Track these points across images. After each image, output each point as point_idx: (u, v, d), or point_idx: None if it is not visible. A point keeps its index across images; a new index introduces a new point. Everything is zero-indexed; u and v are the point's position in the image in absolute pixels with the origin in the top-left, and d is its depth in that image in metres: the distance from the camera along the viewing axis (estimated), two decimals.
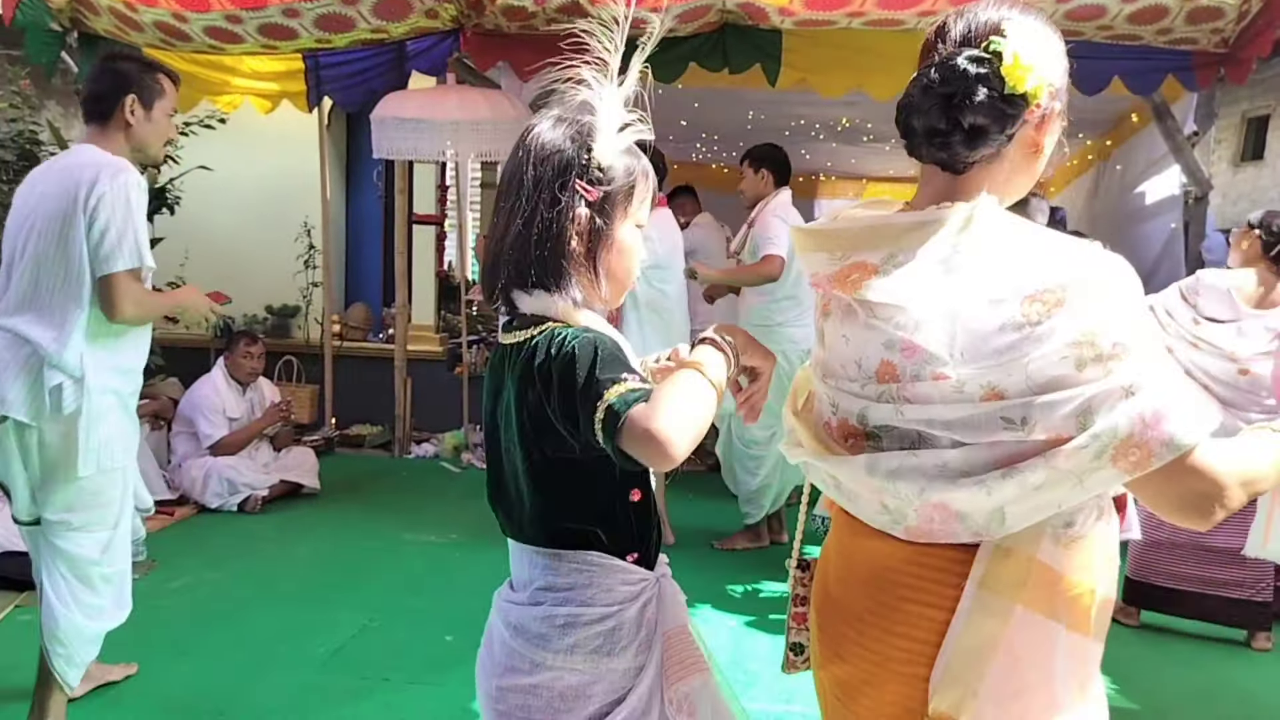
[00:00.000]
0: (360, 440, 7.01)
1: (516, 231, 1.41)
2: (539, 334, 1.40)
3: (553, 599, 1.45)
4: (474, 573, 4.50)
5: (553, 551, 1.46)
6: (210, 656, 3.51)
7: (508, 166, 1.46)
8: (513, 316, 1.47)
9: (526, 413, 1.40)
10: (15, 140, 5.82)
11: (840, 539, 1.47)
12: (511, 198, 1.42)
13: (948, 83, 1.25)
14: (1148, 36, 4.86)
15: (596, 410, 1.27)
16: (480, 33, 5.45)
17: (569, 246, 1.41)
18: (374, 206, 7.94)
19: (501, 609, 1.53)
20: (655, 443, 1.20)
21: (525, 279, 1.42)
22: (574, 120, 1.45)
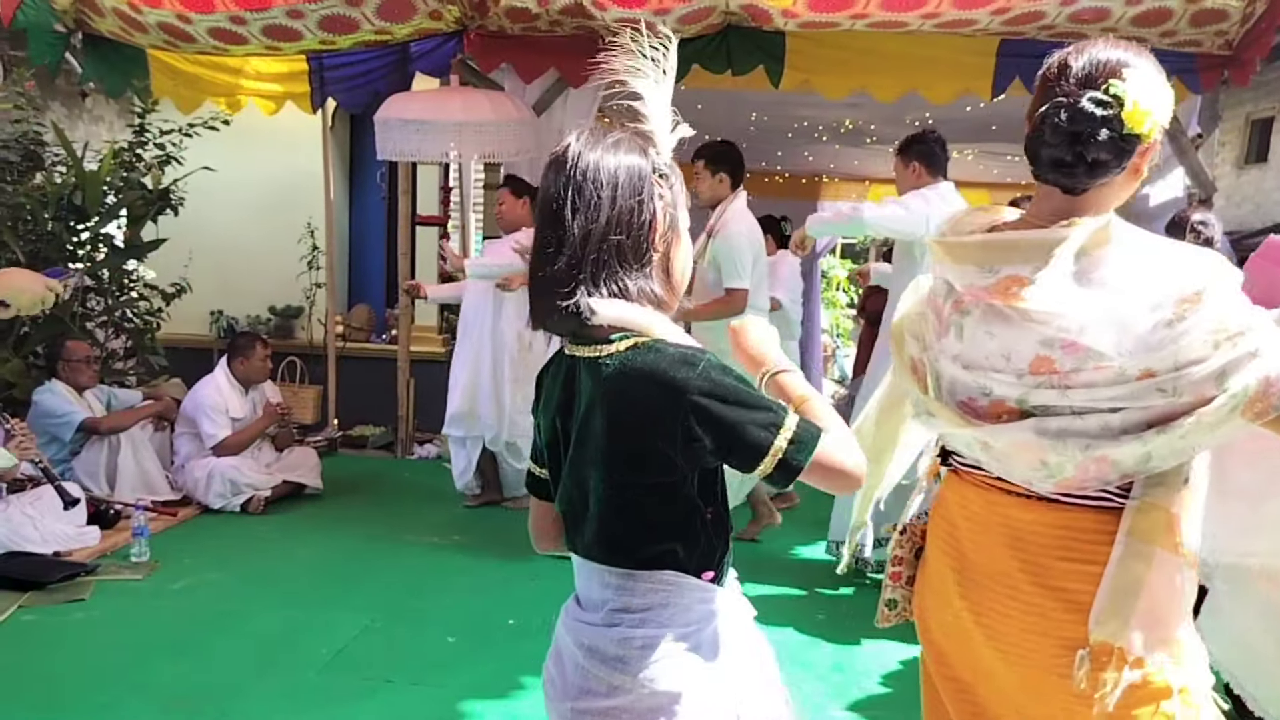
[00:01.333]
0: (363, 441, 7.02)
1: (595, 239, 1.38)
2: (631, 348, 1.38)
3: (629, 620, 1.43)
4: (476, 574, 4.50)
5: (626, 571, 1.44)
6: (212, 657, 3.51)
7: (561, 182, 1.41)
8: (577, 330, 1.42)
9: (620, 435, 1.38)
10: (19, 141, 5.84)
11: (968, 507, 1.67)
12: (575, 207, 1.39)
13: (1075, 122, 1.47)
14: (1152, 39, 4.85)
15: (769, 452, 1.33)
16: (484, 34, 5.45)
17: (654, 249, 1.42)
18: (377, 207, 7.94)
19: (572, 628, 1.50)
20: (850, 478, 1.38)
21: (609, 287, 1.39)
22: (630, 127, 1.46)
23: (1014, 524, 1.59)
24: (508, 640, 3.76)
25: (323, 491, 5.69)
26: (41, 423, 4.99)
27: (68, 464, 5.09)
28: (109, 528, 4.77)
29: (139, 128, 6.12)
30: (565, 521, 1.53)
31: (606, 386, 1.38)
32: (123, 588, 4.16)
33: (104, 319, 6.12)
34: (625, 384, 1.36)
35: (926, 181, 4.34)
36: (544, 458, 1.57)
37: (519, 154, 5.52)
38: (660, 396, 1.34)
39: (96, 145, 6.40)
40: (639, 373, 1.36)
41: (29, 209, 5.63)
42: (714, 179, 4.71)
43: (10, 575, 4.02)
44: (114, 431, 5.21)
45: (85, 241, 5.90)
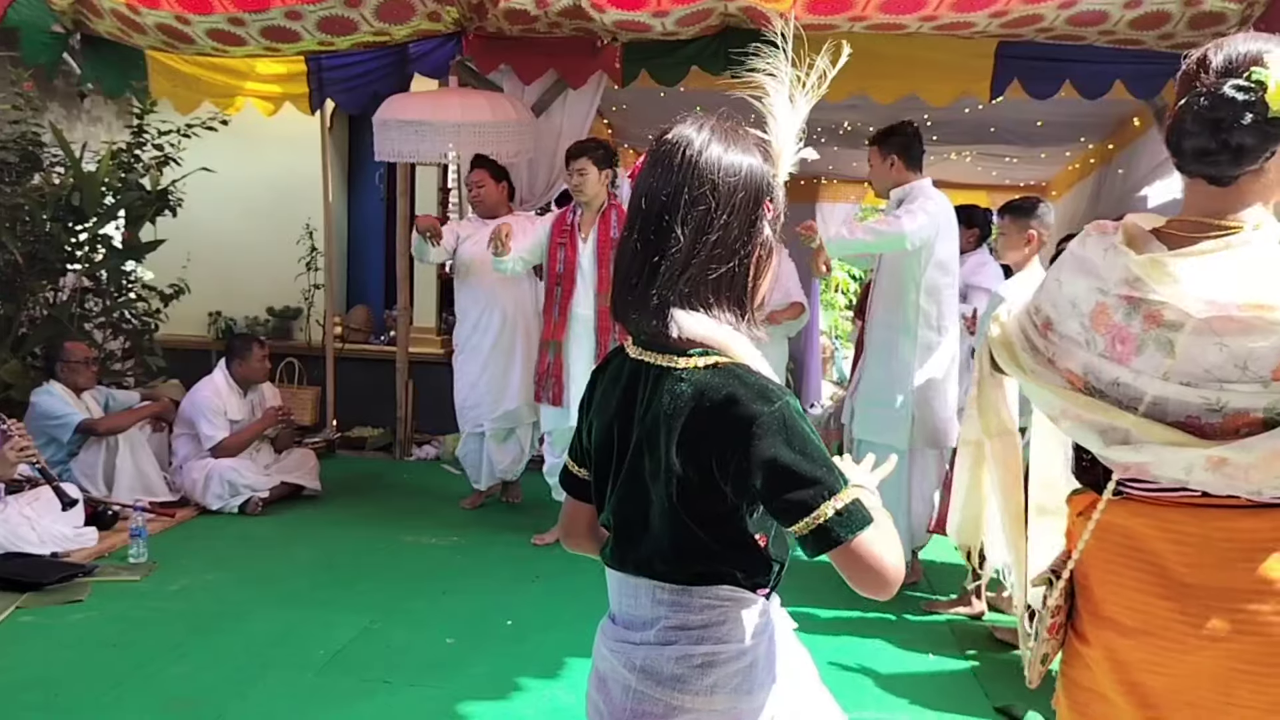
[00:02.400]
0: (361, 442, 7.01)
1: (701, 254, 1.33)
2: (710, 368, 1.33)
3: (687, 638, 1.38)
4: (475, 575, 4.50)
5: (681, 587, 1.40)
6: (210, 658, 3.50)
7: (671, 178, 1.35)
8: (655, 336, 1.38)
9: (687, 455, 1.33)
10: (18, 142, 5.84)
11: (1177, 528, 1.57)
12: (687, 211, 1.33)
13: (1216, 109, 1.47)
14: (1150, 41, 4.85)
15: (815, 510, 1.27)
16: (483, 36, 5.45)
17: (752, 267, 1.38)
18: (376, 208, 7.94)
19: (619, 650, 1.45)
20: (888, 578, 1.30)
21: (698, 300, 1.34)
22: (751, 137, 1.41)
23: (1246, 536, 1.52)
24: (506, 641, 3.76)
25: (321, 493, 5.69)
26: (39, 424, 4.99)
27: (66, 465, 5.09)
28: (107, 529, 4.77)
29: (137, 128, 6.12)
30: (614, 533, 1.47)
31: (680, 403, 1.33)
32: (121, 589, 4.16)
33: (102, 320, 6.12)
34: (699, 404, 1.32)
35: (905, 177, 4.31)
36: (587, 460, 1.52)
37: (518, 155, 5.51)
38: (730, 424, 1.30)
39: (95, 146, 6.40)
40: (715, 396, 1.31)
41: (27, 210, 5.63)
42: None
43: (8, 576, 4.01)
44: (112, 433, 5.20)
45: (83, 242, 5.90)
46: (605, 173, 4.78)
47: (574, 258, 4.80)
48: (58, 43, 5.22)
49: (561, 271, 4.82)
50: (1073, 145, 7.81)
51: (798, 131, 1.45)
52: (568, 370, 4.83)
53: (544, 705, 3.25)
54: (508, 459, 5.58)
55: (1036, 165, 8.86)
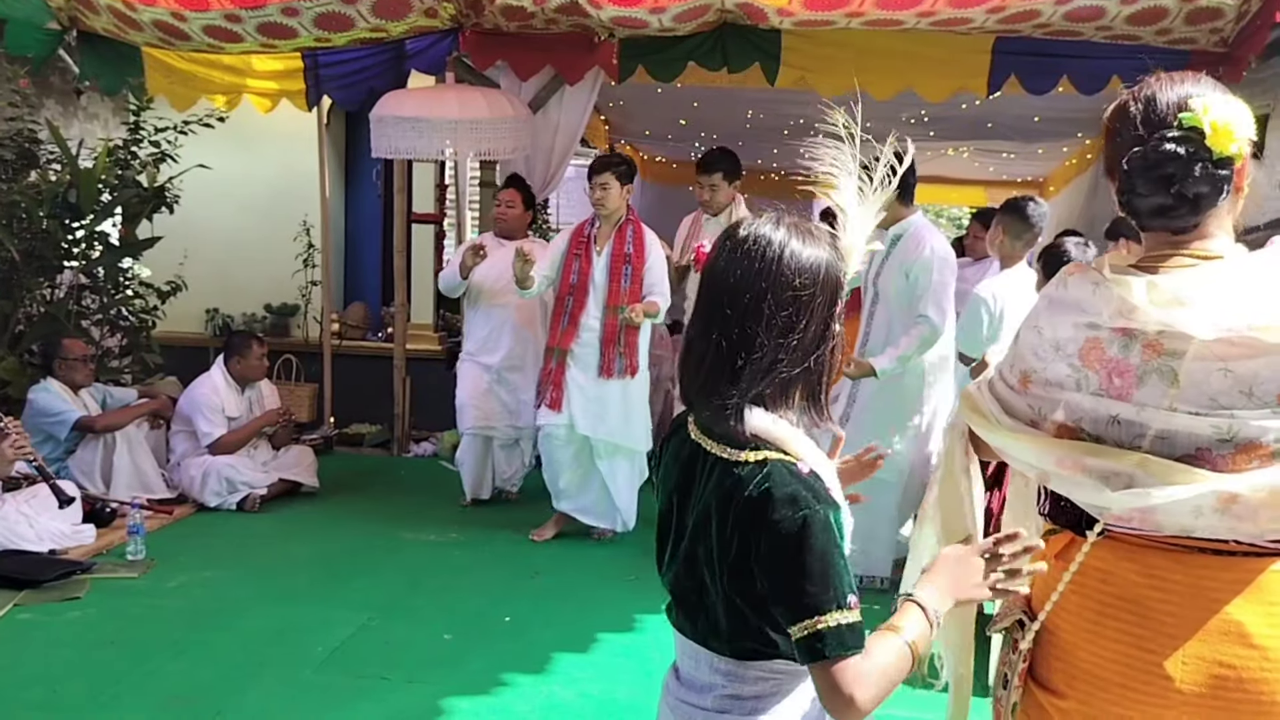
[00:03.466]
0: (359, 439, 7.01)
1: (785, 352, 1.37)
2: (762, 462, 1.36)
3: (740, 708, 1.44)
4: (473, 572, 4.50)
5: (738, 660, 1.44)
6: (208, 655, 3.51)
7: (751, 277, 1.38)
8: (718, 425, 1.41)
9: (729, 544, 1.38)
10: (14, 139, 5.82)
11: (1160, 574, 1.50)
12: (770, 315, 1.36)
13: (1162, 165, 1.45)
14: (1147, 37, 4.85)
15: (807, 620, 1.30)
16: (479, 32, 5.44)
17: (826, 363, 1.42)
18: (373, 205, 7.93)
19: (679, 710, 1.50)
20: (853, 710, 1.29)
21: (773, 400, 1.39)
22: (825, 234, 1.44)
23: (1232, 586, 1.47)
24: (504, 638, 3.76)
25: (319, 490, 5.69)
26: (37, 421, 4.99)
27: (63, 462, 5.09)
28: (105, 526, 4.77)
29: (134, 125, 6.11)
30: (674, 599, 1.52)
31: (728, 496, 1.38)
32: (119, 586, 4.16)
33: (99, 317, 6.11)
34: (742, 498, 1.35)
35: (900, 213, 4.25)
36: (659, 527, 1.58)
37: (515, 151, 5.51)
38: (757, 522, 1.34)
39: (91, 143, 6.39)
40: (754, 493, 1.35)
41: (24, 207, 5.62)
42: (730, 188, 5.16)
43: (6, 573, 4.02)
44: (109, 430, 5.20)
45: (80, 239, 5.89)
46: (627, 188, 4.85)
47: (588, 270, 4.84)
48: (53, 39, 5.21)
49: (575, 283, 4.86)
50: (1070, 141, 7.81)
51: (869, 228, 1.48)
52: (569, 379, 4.85)
53: (541, 701, 3.26)
54: (512, 468, 5.66)
55: (1034, 161, 8.87)
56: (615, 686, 3.38)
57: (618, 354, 4.79)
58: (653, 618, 3.98)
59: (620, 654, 3.65)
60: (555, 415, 4.86)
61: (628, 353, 4.80)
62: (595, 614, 4.01)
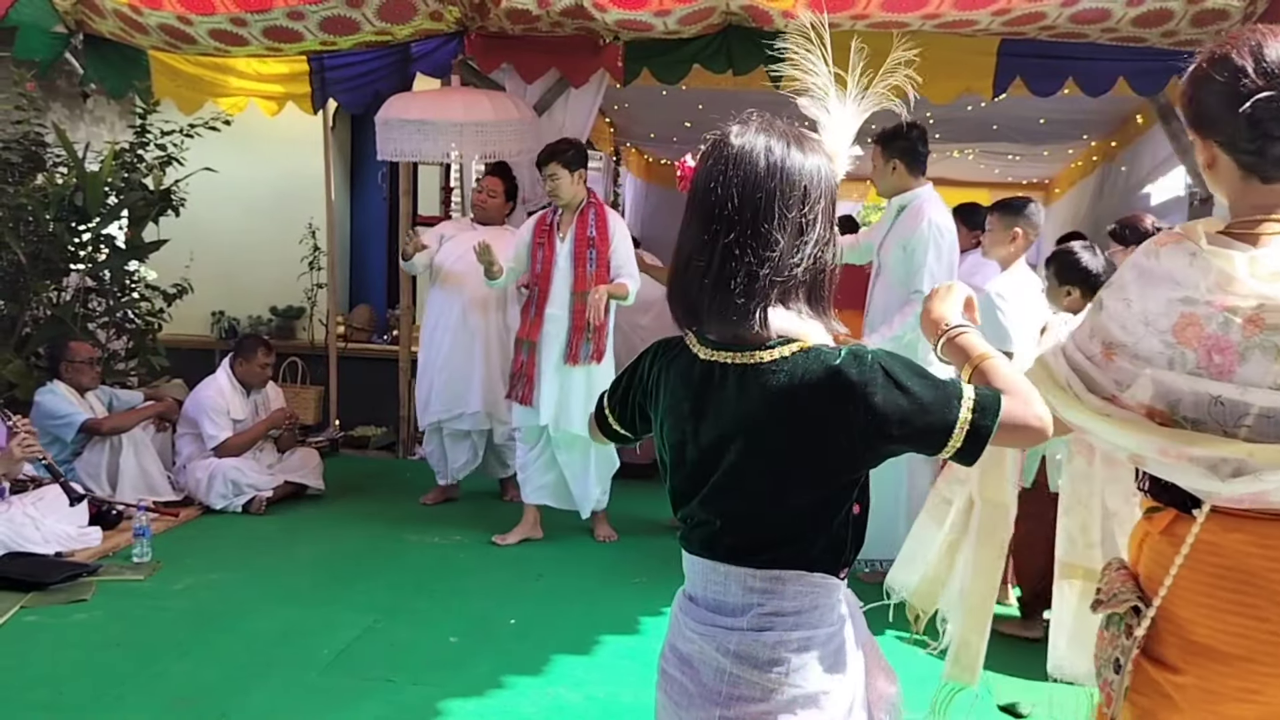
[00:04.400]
0: (364, 441, 7.02)
1: (800, 252, 1.39)
2: (800, 351, 1.38)
3: (783, 624, 1.43)
4: (478, 574, 4.50)
5: (774, 574, 1.44)
6: (214, 657, 3.51)
7: (754, 183, 1.38)
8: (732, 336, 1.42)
9: (800, 441, 1.38)
10: (20, 142, 5.84)
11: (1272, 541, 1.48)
12: (779, 218, 1.37)
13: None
14: (1152, 39, 4.85)
15: (959, 416, 1.34)
16: (484, 35, 5.46)
17: (829, 261, 1.44)
18: (378, 208, 7.94)
19: (709, 634, 1.47)
20: (1035, 431, 1.36)
21: (791, 300, 1.40)
22: (814, 139, 1.45)
23: None
24: (509, 640, 3.76)
25: (324, 492, 5.70)
26: (43, 423, 5.00)
27: (69, 465, 5.09)
28: (111, 528, 4.77)
29: (140, 128, 6.12)
30: (701, 524, 1.49)
31: (779, 394, 1.37)
32: (125, 588, 4.17)
33: (105, 320, 6.12)
34: (801, 389, 1.36)
35: (908, 183, 4.36)
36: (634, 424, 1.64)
37: (520, 154, 5.52)
38: (842, 396, 1.34)
39: (98, 146, 6.40)
40: (814, 376, 1.36)
41: (30, 210, 5.63)
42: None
43: (12, 576, 4.02)
44: (115, 432, 5.21)
45: (86, 242, 5.91)
46: (579, 173, 4.75)
47: (551, 257, 4.81)
48: (59, 42, 5.23)
49: (539, 272, 4.83)
50: (1075, 143, 7.80)
51: (854, 131, 1.49)
52: (539, 370, 4.82)
53: (547, 703, 3.26)
54: (460, 460, 5.60)
55: (1039, 163, 8.86)
56: (620, 689, 3.37)
57: (585, 340, 4.73)
58: (658, 620, 3.97)
59: (625, 656, 3.65)
60: (527, 412, 4.85)
61: (595, 338, 4.73)
62: (600, 616, 4.01)
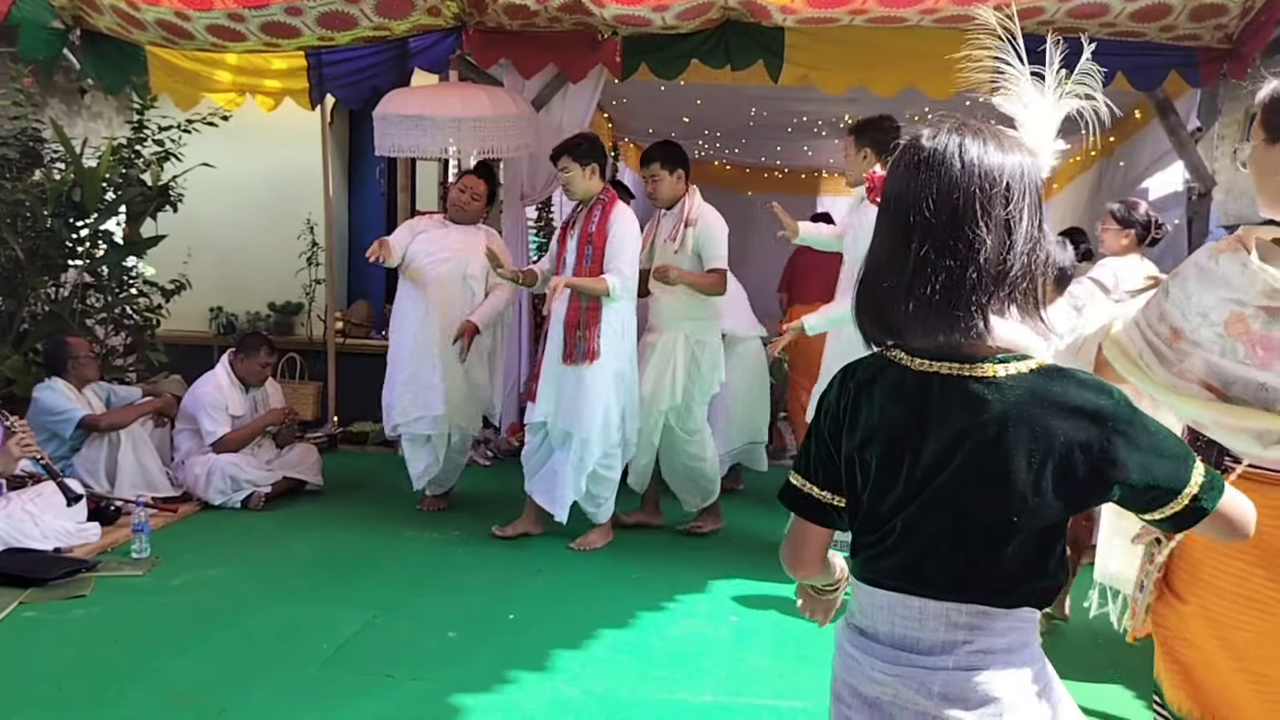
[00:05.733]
0: (363, 437, 7.01)
1: (1010, 252, 1.31)
2: (1034, 373, 1.32)
3: (995, 662, 1.35)
4: (475, 570, 4.51)
5: (983, 610, 1.35)
6: (213, 653, 3.51)
7: (955, 185, 1.31)
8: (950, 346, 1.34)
9: (1035, 465, 1.30)
10: (18, 138, 5.83)
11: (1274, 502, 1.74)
12: (985, 218, 1.30)
13: None
14: (1151, 34, 4.85)
15: (1189, 481, 1.33)
16: (482, 30, 5.45)
17: (1043, 264, 1.36)
18: (377, 203, 7.94)
19: (909, 676, 1.37)
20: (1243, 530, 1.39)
21: (1007, 305, 1.33)
22: (1016, 138, 1.40)
23: None
24: (508, 635, 3.76)
25: (323, 488, 5.70)
26: (41, 420, 5.00)
27: (68, 461, 5.09)
28: (109, 524, 4.77)
29: (138, 124, 6.12)
30: (897, 551, 1.39)
31: (1015, 412, 1.30)
32: (123, 584, 4.17)
33: (104, 316, 6.12)
34: (1042, 410, 1.30)
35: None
36: (837, 480, 1.46)
37: (518, 149, 5.52)
38: (1085, 424, 1.29)
39: (95, 142, 6.40)
40: (1057, 399, 1.30)
41: (28, 206, 5.63)
42: (673, 178, 4.91)
43: (11, 572, 4.02)
44: (114, 428, 5.21)
45: (84, 238, 5.90)
46: (590, 167, 4.70)
47: (562, 254, 4.81)
48: (57, 38, 5.23)
49: (558, 270, 4.83)
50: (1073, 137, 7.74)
51: (1056, 126, 1.44)
52: (544, 366, 4.80)
53: (546, 698, 3.26)
54: (420, 465, 5.33)
55: None
56: (619, 684, 3.38)
57: (578, 339, 4.65)
58: (656, 615, 3.98)
59: (624, 651, 3.65)
60: (532, 408, 4.85)
61: (587, 337, 4.64)
62: (599, 611, 4.01)
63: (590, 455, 4.67)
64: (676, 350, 4.89)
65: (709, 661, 3.59)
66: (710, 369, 4.96)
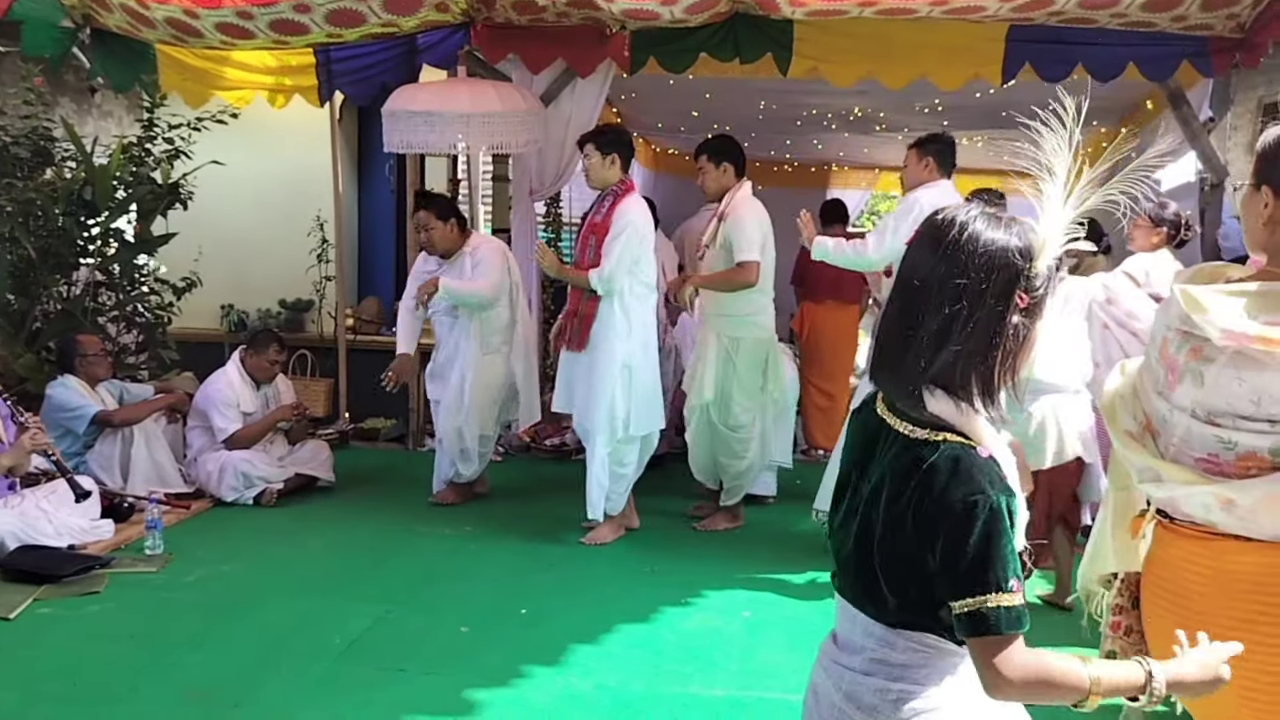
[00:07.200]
0: (374, 433, 7.03)
1: (955, 332, 1.39)
2: (941, 443, 1.41)
3: (886, 673, 1.48)
4: (488, 565, 4.51)
5: (890, 627, 1.49)
6: (227, 648, 3.53)
7: (929, 260, 1.43)
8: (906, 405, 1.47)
9: (901, 517, 1.42)
10: (29, 137, 5.86)
11: (1191, 557, 1.73)
12: (937, 297, 1.40)
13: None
14: (1162, 24, 4.81)
15: (969, 599, 1.36)
16: (491, 26, 5.44)
17: (1000, 355, 1.41)
18: (386, 200, 7.94)
19: (831, 671, 1.56)
20: (1001, 686, 1.36)
21: (949, 383, 1.41)
22: (1017, 225, 1.44)
23: (1257, 571, 1.63)
24: (520, 630, 3.77)
25: (335, 484, 5.71)
26: (55, 416, 5.02)
27: (81, 457, 5.12)
28: (123, 521, 4.80)
29: (148, 122, 6.13)
30: (837, 561, 1.58)
31: (906, 474, 1.43)
32: (137, 580, 4.19)
33: (115, 314, 6.15)
34: (918, 474, 1.41)
35: (937, 177, 4.69)
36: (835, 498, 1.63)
37: (527, 144, 5.51)
38: (934, 501, 1.38)
39: (106, 140, 6.42)
40: (933, 469, 1.39)
41: (40, 205, 5.65)
42: (719, 171, 4.94)
43: (26, 569, 4.05)
44: (127, 424, 5.23)
45: (96, 236, 5.93)
46: (611, 157, 4.76)
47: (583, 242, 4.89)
48: (67, 37, 5.23)
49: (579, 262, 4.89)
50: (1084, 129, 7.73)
51: (1066, 226, 1.47)
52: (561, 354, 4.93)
53: (558, 692, 3.27)
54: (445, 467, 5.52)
55: None
56: (631, 678, 3.38)
57: (574, 326, 4.77)
58: (669, 609, 3.98)
59: (636, 646, 3.65)
60: (554, 394, 4.97)
61: (581, 325, 4.72)
62: (611, 606, 4.01)
63: (599, 449, 4.71)
64: (709, 347, 4.93)
65: (721, 656, 3.59)
66: (749, 367, 4.95)
